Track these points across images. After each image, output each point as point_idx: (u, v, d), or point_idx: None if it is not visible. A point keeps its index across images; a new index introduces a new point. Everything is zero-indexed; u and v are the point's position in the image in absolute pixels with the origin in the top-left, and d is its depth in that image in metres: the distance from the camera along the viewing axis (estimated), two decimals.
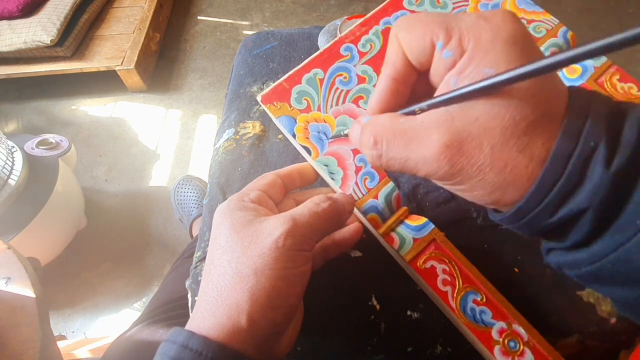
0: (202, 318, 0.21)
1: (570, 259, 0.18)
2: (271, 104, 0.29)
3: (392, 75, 0.20)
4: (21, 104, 1.36)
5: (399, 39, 0.20)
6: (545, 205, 0.17)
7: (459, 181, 0.18)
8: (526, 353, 0.23)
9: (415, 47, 0.19)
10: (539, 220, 0.17)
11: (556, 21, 0.30)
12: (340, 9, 1.56)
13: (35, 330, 0.44)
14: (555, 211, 0.17)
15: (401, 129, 0.19)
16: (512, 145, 0.17)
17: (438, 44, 0.18)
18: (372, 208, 0.27)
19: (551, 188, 0.16)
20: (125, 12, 1.40)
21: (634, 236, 0.15)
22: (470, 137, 0.17)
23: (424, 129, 0.18)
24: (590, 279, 0.18)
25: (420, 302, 0.29)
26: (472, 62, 0.17)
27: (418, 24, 0.19)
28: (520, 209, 0.17)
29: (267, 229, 0.22)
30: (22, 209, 0.84)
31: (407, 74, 0.20)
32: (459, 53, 0.17)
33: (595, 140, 0.16)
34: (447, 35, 0.18)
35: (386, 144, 0.19)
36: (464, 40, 0.17)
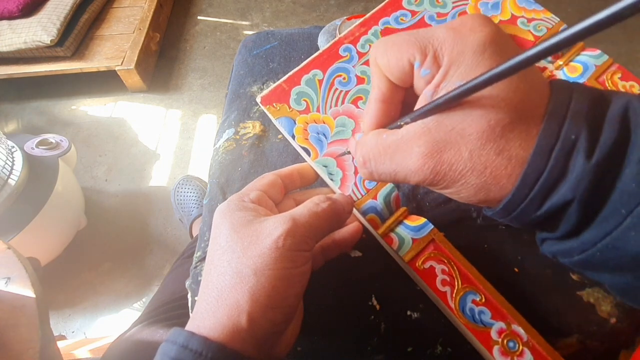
0: (202, 318, 0.21)
1: (563, 248, 0.19)
2: (270, 105, 0.29)
3: (379, 99, 0.21)
4: (21, 104, 1.36)
5: (378, 64, 0.20)
6: (530, 199, 0.17)
7: (445, 186, 0.19)
8: (525, 353, 0.23)
9: (395, 70, 0.20)
10: (527, 214, 0.18)
11: (557, 19, 0.30)
12: (340, 9, 1.56)
13: (35, 330, 0.44)
14: (541, 204, 0.17)
15: (385, 145, 0.20)
16: (489, 149, 0.17)
17: (415, 64, 0.19)
18: (371, 209, 0.27)
19: (535, 182, 0.17)
20: (125, 12, 1.40)
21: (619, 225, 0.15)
22: (448, 146, 0.18)
23: (404, 142, 0.19)
24: (582, 266, 0.18)
25: (420, 302, 0.29)
26: (447, 76, 0.18)
27: (393, 46, 0.19)
28: (507, 205, 0.18)
29: (267, 229, 0.22)
30: (22, 209, 0.84)
31: (393, 94, 0.21)
32: (436, 69, 0.18)
33: (575, 134, 0.16)
34: (422, 54, 0.18)
35: (374, 161, 0.21)
36: (438, 56, 0.18)
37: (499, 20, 0.30)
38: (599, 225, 0.16)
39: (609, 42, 1.38)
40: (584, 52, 0.30)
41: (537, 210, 0.17)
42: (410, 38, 0.19)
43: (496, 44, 0.18)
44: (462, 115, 0.17)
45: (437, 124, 0.18)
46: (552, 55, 0.13)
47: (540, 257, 0.30)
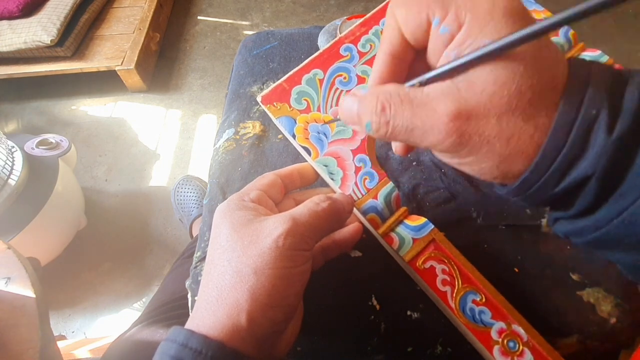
0: (202, 317, 0.21)
1: (577, 227, 0.18)
2: (271, 104, 0.29)
3: (389, 52, 0.20)
4: (21, 104, 1.36)
5: (395, 14, 0.19)
6: (550, 174, 0.17)
7: (465, 153, 0.18)
8: (525, 353, 0.23)
9: (412, 24, 0.19)
10: (545, 190, 0.17)
11: None
12: (340, 9, 1.56)
13: (35, 330, 0.44)
14: (560, 180, 0.17)
15: (410, 97, 0.19)
16: (518, 115, 0.17)
17: (434, 20, 0.18)
18: (372, 208, 0.27)
19: (555, 157, 0.16)
20: (125, 12, 1.40)
21: (635, 200, 0.15)
22: (477, 108, 0.17)
23: (431, 98, 0.18)
24: (596, 245, 0.18)
25: (420, 302, 0.29)
26: (472, 33, 0.17)
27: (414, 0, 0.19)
28: (526, 180, 0.17)
29: (267, 228, 0.22)
30: (22, 209, 0.84)
31: (404, 51, 0.20)
32: (457, 27, 0.17)
33: (596, 108, 0.16)
34: (443, 11, 0.18)
35: (394, 109, 0.19)
36: (460, 14, 0.17)
37: None
38: (615, 202, 0.16)
39: (609, 42, 1.38)
40: (585, 53, 0.30)
41: (556, 186, 0.17)
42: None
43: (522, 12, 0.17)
44: (493, 76, 0.17)
45: (469, 84, 0.17)
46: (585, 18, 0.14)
47: (540, 257, 0.30)
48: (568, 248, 0.30)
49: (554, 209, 0.20)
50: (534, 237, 0.31)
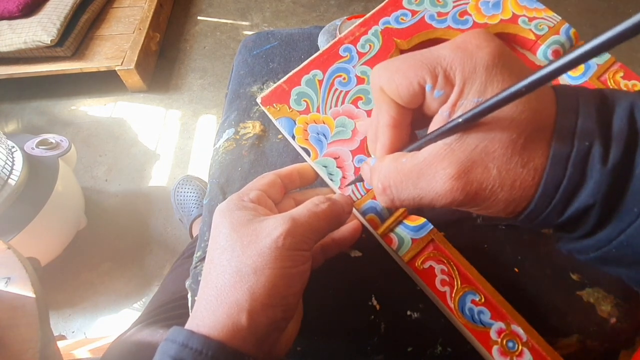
0: (202, 317, 0.21)
1: (579, 246, 0.19)
2: (271, 105, 0.29)
3: (390, 124, 0.21)
4: (21, 104, 1.36)
5: (385, 90, 0.20)
6: (552, 207, 0.17)
7: (474, 205, 0.19)
8: (525, 353, 0.23)
9: (405, 94, 0.19)
10: (549, 221, 0.18)
11: (558, 18, 0.30)
12: (340, 9, 1.56)
13: (35, 330, 0.44)
14: (563, 211, 0.17)
15: (406, 171, 0.19)
16: (515, 162, 0.17)
17: (427, 86, 0.19)
18: (371, 209, 0.27)
19: (555, 192, 0.17)
20: (125, 12, 1.40)
21: (632, 222, 0.16)
22: (474, 165, 0.18)
23: (427, 165, 0.19)
24: (598, 262, 0.19)
25: (420, 302, 0.29)
26: (462, 94, 0.18)
27: (398, 72, 0.19)
28: (530, 214, 0.18)
29: (266, 228, 0.22)
30: (22, 209, 0.84)
31: (404, 117, 0.21)
32: (449, 89, 0.18)
33: (589, 140, 0.16)
34: (432, 76, 0.18)
35: (395, 188, 0.20)
36: (449, 75, 0.18)
37: (499, 19, 0.30)
38: (614, 224, 0.17)
39: None
40: None
41: (560, 216, 0.18)
42: (416, 61, 0.19)
43: (504, 58, 0.18)
44: (484, 133, 0.18)
45: (461, 143, 0.18)
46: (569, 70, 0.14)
47: (540, 257, 0.30)
48: None
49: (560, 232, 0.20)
50: (534, 237, 0.31)
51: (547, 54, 0.30)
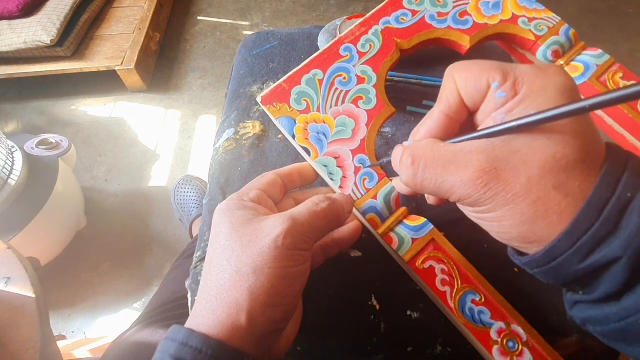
0: (201, 316, 0.21)
1: (598, 314, 0.18)
2: (271, 105, 0.29)
3: (445, 112, 0.21)
4: (21, 104, 1.36)
5: (455, 78, 0.20)
6: (577, 248, 0.17)
7: (490, 208, 0.18)
8: (525, 353, 0.23)
9: (472, 86, 0.20)
10: (569, 265, 0.17)
11: (558, 19, 0.30)
12: (340, 9, 1.56)
13: (36, 330, 0.44)
14: (587, 256, 0.17)
15: (441, 152, 0.20)
16: (548, 180, 0.17)
17: (494, 85, 0.19)
18: (372, 208, 0.27)
19: (585, 232, 0.16)
20: (125, 12, 1.40)
21: None
22: (509, 166, 0.18)
23: (464, 154, 0.19)
24: (618, 337, 0.18)
25: (420, 302, 0.29)
26: (523, 103, 0.18)
27: (476, 66, 0.20)
28: (552, 250, 0.17)
29: (266, 228, 0.22)
30: (22, 209, 0.84)
31: (459, 112, 0.21)
32: (512, 95, 0.18)
33: (632, 192, 0.16)
34: (503, 78, 0.19)
35: (424, 164, 0.20)
36: (518, 84, 0.18)
37: (499, 19, 0.30)
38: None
39: (609, 42, 1.38)
40: (585, 52, 0.30)
41: (581, 262, 0.17)
42: (494, 63, 0.19)
43: (574, 92, 0.18)
44: (530, 141, 0.18)
45: (504, 144, 0.18)
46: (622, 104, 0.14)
47: None
48: None
49: (574, 290, 0.19)
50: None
51: (547, 55, 0.30)
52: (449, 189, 0.19)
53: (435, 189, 0.20)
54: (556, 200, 0.17)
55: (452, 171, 0.19)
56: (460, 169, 0.19)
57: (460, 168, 0.19)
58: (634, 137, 0.28)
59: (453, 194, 0.19)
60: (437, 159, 0.20)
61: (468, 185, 0.18)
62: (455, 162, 0.19)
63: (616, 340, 0.18)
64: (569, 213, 0.17)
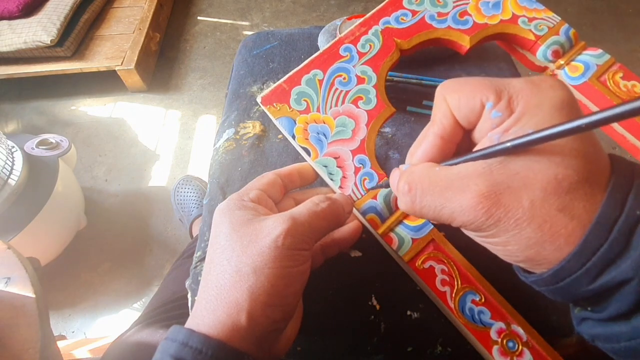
0: (201, 316, 0.21)
1: (608, 332, 0.17)
2: (271, 105, 0.29)
3: (439, 134, 0.21)
4: (21, 104, 1.36)
5: (446, 100, 0.20)
6: (586, 269, 0.16)
7: (493, 234, 0.18)
8: (525, 353, 0.23)
9: (465, 107, 0.19)
10: (577, 285, 0.17)
11: (558, 19, 0.30)
12: (340, 9, 1.56)
13: (36, 330, 0.44)
14: (596, 277, 0.16)
15: (437, 178, 0.19)
16: (552, 202, 0.16)
17: (488, 104, 0.18)
18: (371, 208, 0.27)
19: (594, 252, 0.16)
20: (125, 12, 1.40)
21: None
22: (509, 190, 0.17)
23: (461, 178, 0.18)
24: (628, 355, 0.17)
25: (420, 302, 0.29)
26: (519, 122, 0.17)
27: (467, 85, 0.19)
28: (560, 271, 0.17)
29: (266, 228, 0.22)
30: (22, 209, 0.84)
31: (454, 133, 0.20)
32: (507, 114, 0.18)
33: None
34: (497, 97, 0.18)
35: (420, 191, 0.19)
36: (513, 102, 0.18)
37: (499, 19, 0.30)
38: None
39: (609, 42, 1.38)
40: (586, 52, 0.30)
41: (590, 283, 0.16)
42: (486, 81, 0.19)
43: (572, 107, 0.17)
44: (529, 162, 0.17)
45: (502, 166, 0.17)
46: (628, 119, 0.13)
47: None
48: None
49: (583, 307, 0.19)
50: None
51: (547, 55, 0.30)
52: (449, 215, 0.19)
53: (436, 216, 0.19)
54: (562, 223, 0.16)
55: (450, 197, 0.18)
56: (458, 194, 0.18)
57: (457, 194, 0.18)
58: (634, 137, 0.28)
59: (454, 220, 0.19)
60: (434, 185, 0.19)
61: (468, 211, 0.18)
62: (452, 188, 0.18)
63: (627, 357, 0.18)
64: (576, 235, 0.16)
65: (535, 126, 0.17)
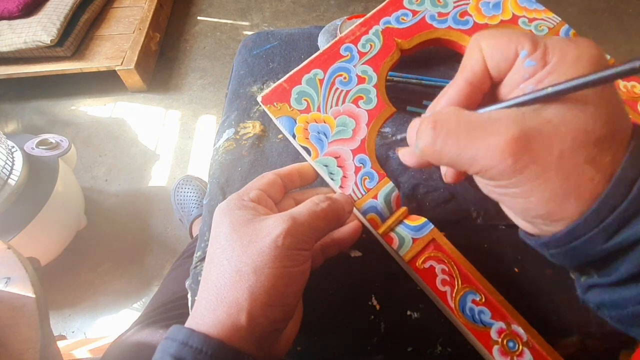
0: (202, 316, 0.21)
1: (615, 297, 0.17)
2: (271, 104, 0.29)
3: (469, 79, 0.20)
4: (21, 104, 1.36)
5: (481, 46, 0.20)
6: (603, 227, 0.16)
7: (516, 182, 0.17)
8: (525, 353, 0.23)
9: (499, 54, 0.19)
10: (592, 244, 0.17)
11: (558, 19, 0.30)
12: (340, 9, 1.56)
13: (36, 330, 0.44)
14: (612, 235, 0.16)
15: (465, 119, 0.18)
16: (580, 153, 0.16)
17: (522, 53, 0.18)
18: (372, 208, 0.27)
19: (613, 210, 0.16)
20: (125, 12, 1.40)
21: None
22: (540, 137, 0.16)
23: (492, 121, 0.17)
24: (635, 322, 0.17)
25: (420, 302, 0.29)
26: (553, 74, 0.17)
27: (504, 34, 0.19)
28: (576, 229, 0.17)
29: (266, 227, 0.22)
30: (22, 209, 0.84)
31: (483, 81, 0.20)
32: (542, 64, 0.18)
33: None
34: (533, 46, 0.18)
35: (446, 130, 0.18)
36: (548, 54, 0.18)
37: (499, 20, 0.30)
38: None
39: (609, 42, 1.38)
40: None
41: (606, 241, 0.16)
42: (523, 33, 0.19)
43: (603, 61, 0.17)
44: (562, 111, 0.17)
45: (535, 113, 0.17)
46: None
47: (541, 257, 0.30)
48: None
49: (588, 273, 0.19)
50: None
51: None
52: (470, 159, 0.18)
53: (454, 158, 0.18)
54: (589, 175, 0.16)
55: (478, 138, 0.17)
56: (487, 136, 0.17)
57: (487, 135, 0.17)
58: None
59: (473, 165, 0.18)
60: (462, 125, 0.18)
61: (494, 154, 0.17)
62: (482, 129, 0.17)
63: (633, 325, 0.17)
64: (600, 189, 0.16)
65: None
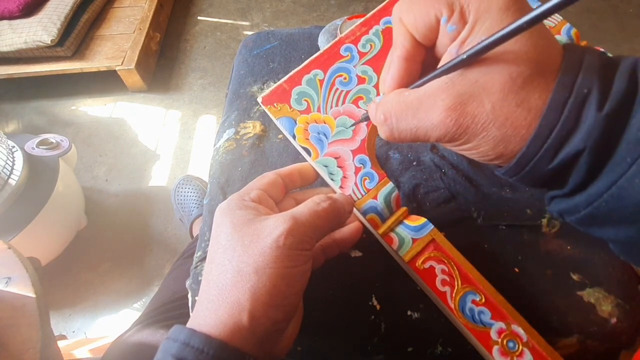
0: (203, 316, 0.21)
1: (570, 205, 0.19)
2: (271, 105, 0.29)
3: (402, 56, 0.21)
4: (21, 104, 1.36)
5: (402, 20, 0.21)
6: (544, 151, 0.18)
7: (465, 140, 0.19)
8: (525, 353, 0.23)
9: (421, 25, 0.20)
10: (540, 167, 0.18)
11: (559, 18, 0.30)
12: (340, 9, 1.56)
13: (36, 330, 0.44)
14: (554, 156, 0.18)
15: (407, 102, 0.20)
16: (510, 100, 0.18)
17: (442, 19, 0.19)
18: (372, 208, 0.27)
19: (549, 134, 0.17)
20: (125, 12, 1.40)
21: (624, 173, 0.16)
22: (471, 98, 0.18)
23: (427, 96, 0.19)
24: (587, 222, 0.19)
25: (420, 302, 0.29)
26: (472, 31, 0.18)
27: (419, 3, 0.20)
28: (522, 158, 0.18)
29: (267, 227, 0.22)
30: (23, 209, 0.84)
31: (416, 52, 0.21)
32: (462, 25, 0.19)
33: (588, 87, 0.17)
34: (449, 10, 0.19)
35: (395, 118, 0.21)
36: (464, 12, 0.19)
37: None
38: (606, 176, 0.17)
39: (609, 42, 1.38)
40: None
41: (550, 162, 0.18)
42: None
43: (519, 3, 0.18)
44: (485, 69, 0.18)
45: (462, 77, 0.18)
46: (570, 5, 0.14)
47: (540, 257, 0.30)
48: (568, 248, 0.30)
49: (550, 188, 0.20)
50: (534, 237, 0.31)
51: None
52: (424, 134, 0.20)
53: (413, 137, 0.21)
54: (522, 116, 0.18)
55: (422, 116, 0.19)
56: (428, 112, 0.19)
57: (428, 112, 0.19)
58: None
59: (430, 137, 0.20)
60: (406, 109, 0.20)
61: (439, 126, 0.19)
62: (422, 107, 0.19)
63: (589, 226, 0.19)
64: (534, 125, 0.18)
65: (487, 32, 0.18)
